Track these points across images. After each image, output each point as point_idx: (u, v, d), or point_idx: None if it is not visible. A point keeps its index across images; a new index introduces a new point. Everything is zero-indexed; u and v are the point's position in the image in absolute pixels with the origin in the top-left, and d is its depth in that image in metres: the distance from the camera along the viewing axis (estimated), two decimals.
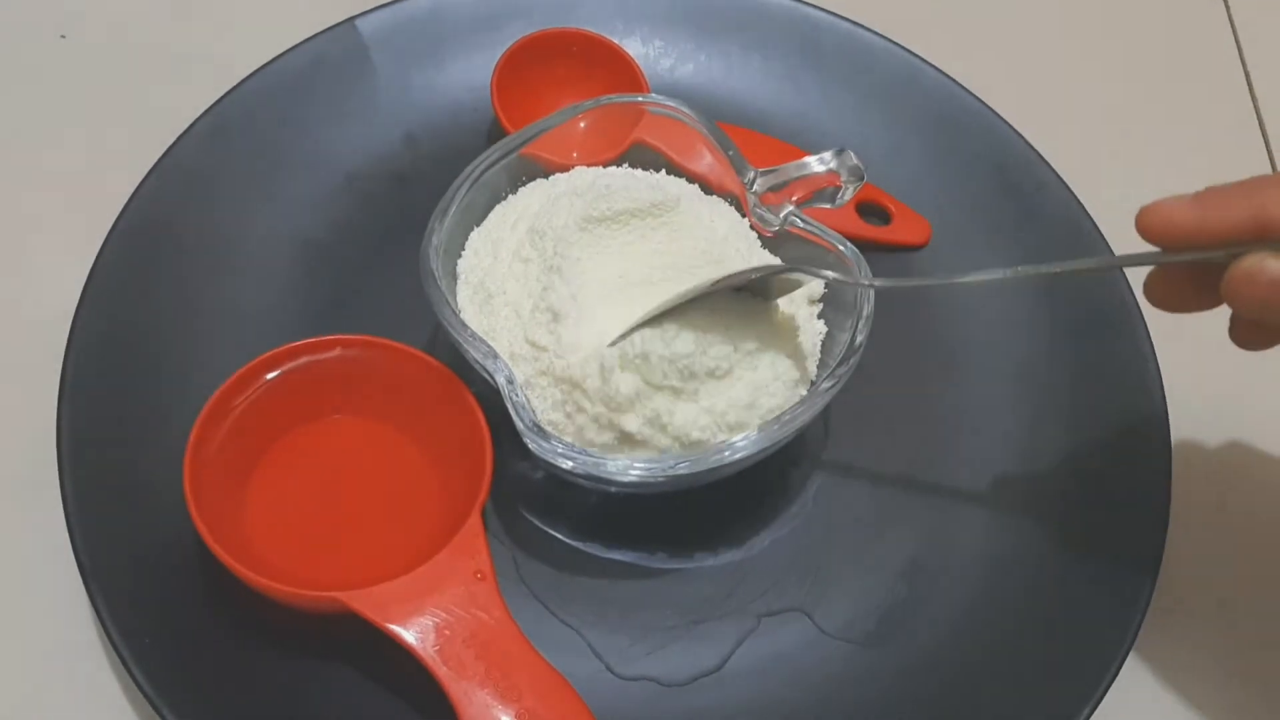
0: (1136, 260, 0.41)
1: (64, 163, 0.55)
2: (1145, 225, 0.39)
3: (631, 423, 0.43)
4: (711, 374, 0.43)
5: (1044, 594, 0.47)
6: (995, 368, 0.53)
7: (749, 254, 0.48)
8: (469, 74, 0.56)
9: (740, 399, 0.43)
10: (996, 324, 0.54)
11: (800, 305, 0.47)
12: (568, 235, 0.45)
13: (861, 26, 0.59)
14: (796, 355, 0.46)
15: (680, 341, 0.43)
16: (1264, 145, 0.63)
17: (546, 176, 0.49)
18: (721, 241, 0.47)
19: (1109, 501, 0.49)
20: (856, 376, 0.44)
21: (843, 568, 0.48)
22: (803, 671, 0.45)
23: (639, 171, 0.50)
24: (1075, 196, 0.56)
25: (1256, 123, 0.63)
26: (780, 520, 0.49)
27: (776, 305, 0.46)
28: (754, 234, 0.49)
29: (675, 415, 0.43)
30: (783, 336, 0.46)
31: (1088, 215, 0.55)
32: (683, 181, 0.50)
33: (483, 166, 0.47)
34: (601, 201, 0.46)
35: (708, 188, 0.50)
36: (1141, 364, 0.52)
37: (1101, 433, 0.51)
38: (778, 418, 0.43)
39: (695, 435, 0.43)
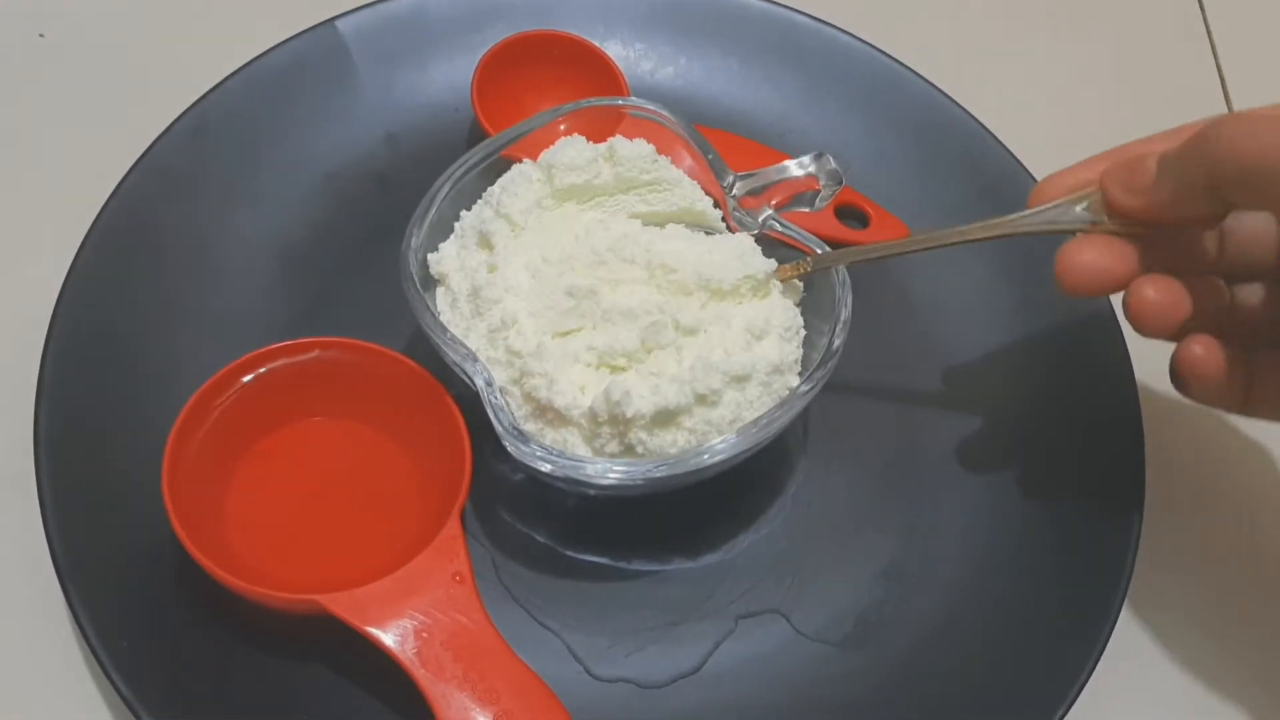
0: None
1: (42, 162, 0.55)
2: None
3: (609, 445, 0.43)
4: (702, 404, 0.43)
5: (1022, 595, 0.48)
6: (975, 371, 0.53)
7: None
8: (450, 75, 0.56)
9: (723, 417, 0.43)
10: (976, 327, 0.54)
11: None
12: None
13: (842, 30, 0.59)
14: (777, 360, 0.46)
15: (662, 393, 0.42)
16: None
17: None
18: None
19: (1088, 503, 0.49)
20: (835, 379, 0.45)
21: (821, 569, 0.48)
22: (781, 673, 0.46)
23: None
24: None
25: None
26: (758, 522, 0.49)
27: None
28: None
29: (650, 442, 0.42)
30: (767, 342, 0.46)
31: None
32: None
33: (463, 169, 0.47)
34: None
35: None
36: (1119, 370, 0.52)
37: (1081, 436, 0.51)
38: (755, 421, 0.43)
39: (674, 451, 0.43)
